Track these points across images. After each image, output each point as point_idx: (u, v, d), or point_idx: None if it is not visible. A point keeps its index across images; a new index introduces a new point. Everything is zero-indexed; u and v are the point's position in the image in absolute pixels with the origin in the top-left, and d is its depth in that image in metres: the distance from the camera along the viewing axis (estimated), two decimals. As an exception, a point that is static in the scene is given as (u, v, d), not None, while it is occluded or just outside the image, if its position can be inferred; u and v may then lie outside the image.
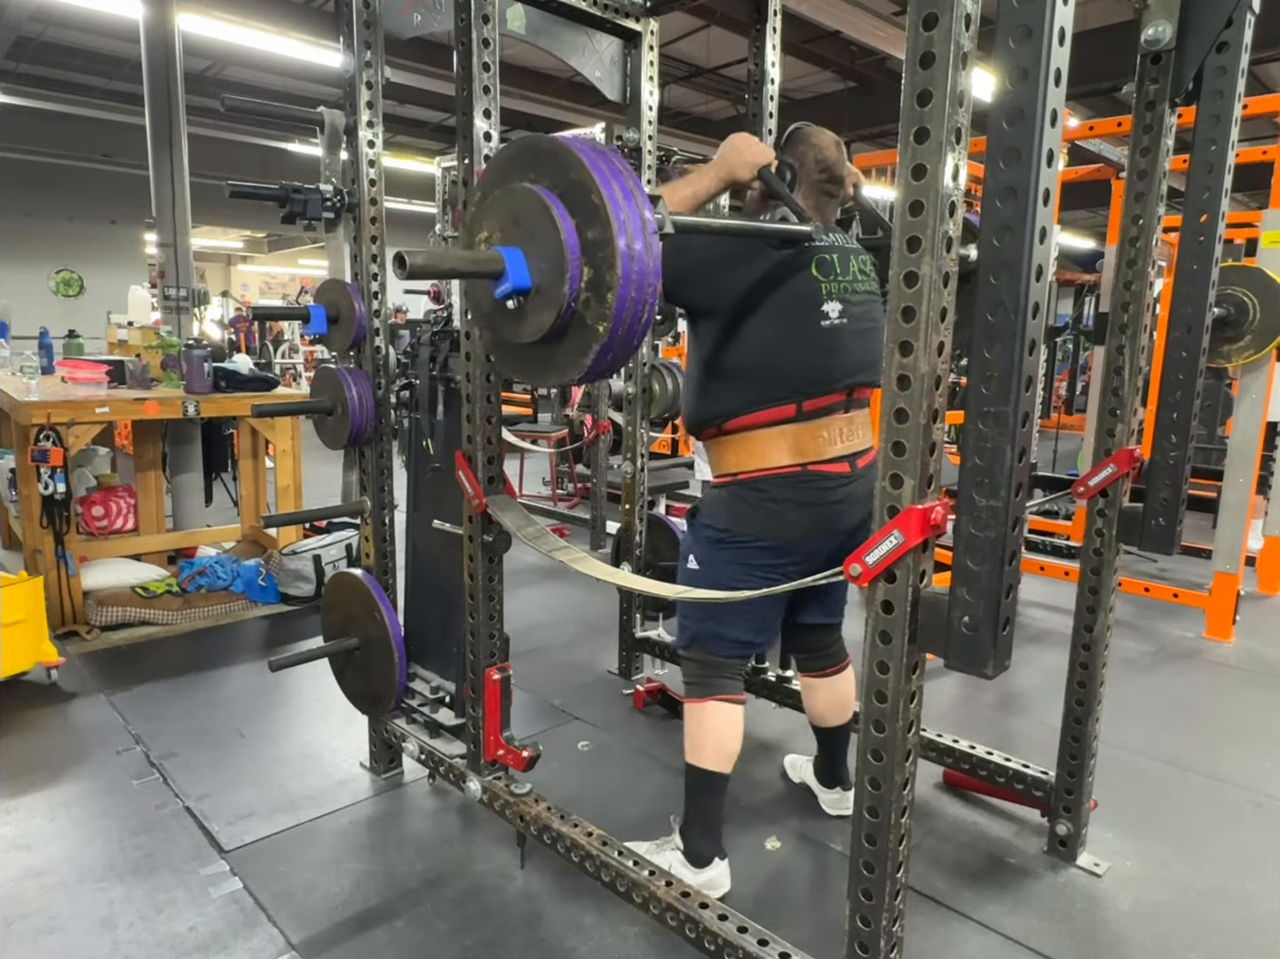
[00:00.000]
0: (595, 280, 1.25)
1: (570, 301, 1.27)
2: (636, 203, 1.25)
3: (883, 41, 7.12)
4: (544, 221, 1.27)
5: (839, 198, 1.92)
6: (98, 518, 4.29)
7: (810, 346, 1.78)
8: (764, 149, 1.79)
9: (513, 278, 1.29)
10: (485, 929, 1.83)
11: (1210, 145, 1.76)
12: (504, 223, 1.35)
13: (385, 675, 2.26)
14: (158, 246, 4.55)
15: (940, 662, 1.16)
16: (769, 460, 1.79)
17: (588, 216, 1.25)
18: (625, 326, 1.26)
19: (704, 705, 1.91)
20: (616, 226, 1.21)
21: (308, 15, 7.49)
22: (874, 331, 1.87)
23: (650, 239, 1.24)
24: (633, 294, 1.24)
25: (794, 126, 1.93)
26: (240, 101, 2.26)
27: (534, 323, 1.33)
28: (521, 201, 1.31)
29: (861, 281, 1.87)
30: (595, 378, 1.38)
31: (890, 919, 1.27)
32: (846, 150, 1.91)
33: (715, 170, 1.77)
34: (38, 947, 1.77)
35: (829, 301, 1.78)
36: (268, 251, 16.84)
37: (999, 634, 1.11)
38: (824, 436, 1.80)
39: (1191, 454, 1.91)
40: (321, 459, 3.82)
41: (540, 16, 2.48)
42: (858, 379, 1.84)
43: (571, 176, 1.26)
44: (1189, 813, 2.34)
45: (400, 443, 2.45)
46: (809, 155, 1.85)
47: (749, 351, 1.79)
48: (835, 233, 1.89)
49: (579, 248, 1.26)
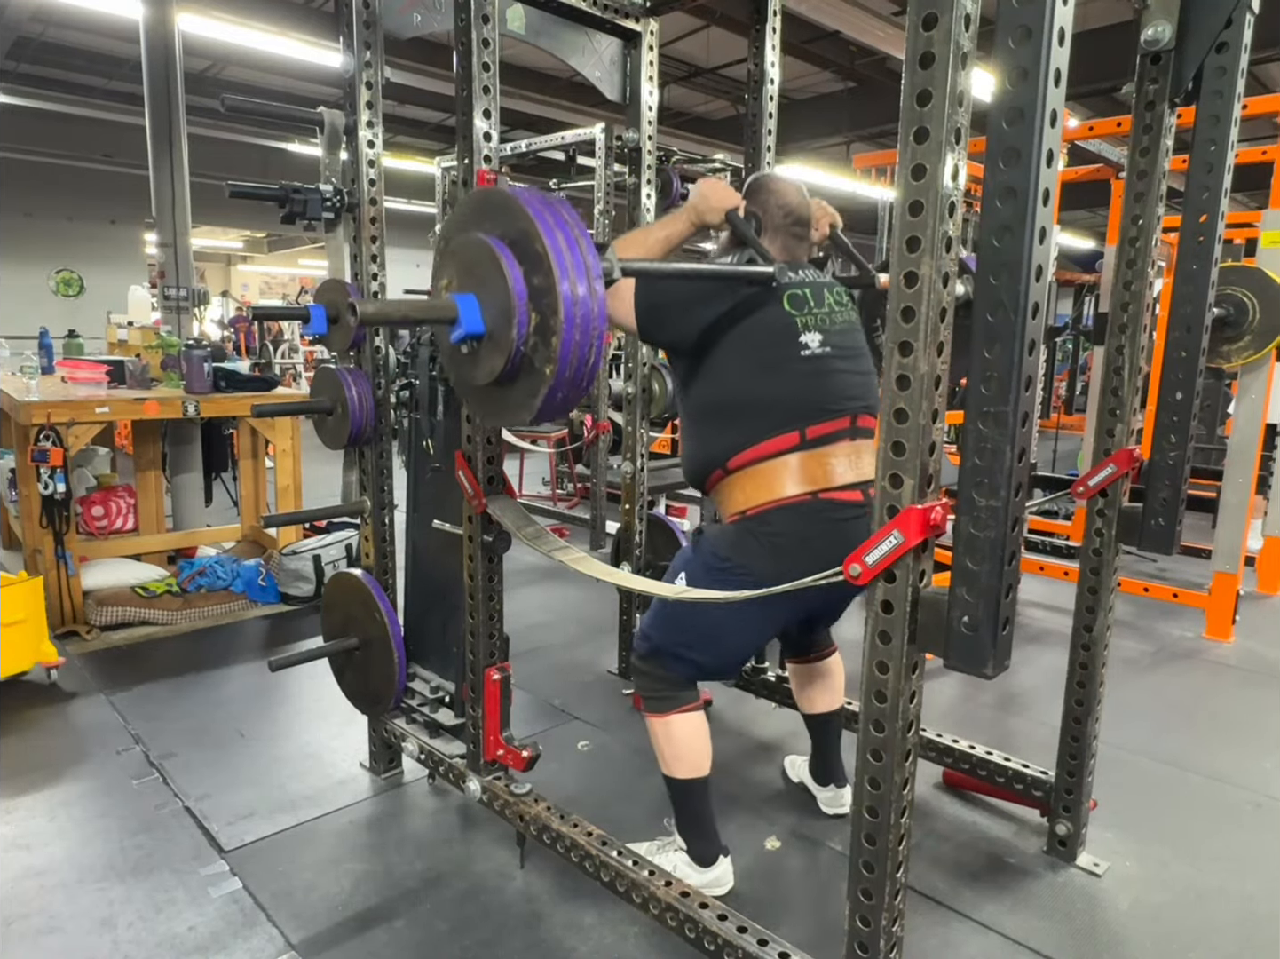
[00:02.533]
0: (541, 325, 1.31)
1: (519, 345, 1.33)
2: (581, 250, 1.30)
3: (883, 41, 7.12)
4: (493, 269, 1.33)
5: (808, 240, 1.96)
6: (98, 518, 4.30)
7: (795, 375, 1.78)
8: (731, 195, 1.85)
9: (465, 323, 1.35)
10: (485, 929, 1.83)
11: (1210, 145, 1.76)
12: (461, 270, 1.41)
13: (385, 675, 2.26)
14: (158, 246, 4.55)
15: (940, 662, 1.16)
16: (776, 491, 1.74)
17: (533, 264, 1.30)
18: (572, 369, 1.31)
19: (666, 720, 1.89)
20: (559, 273, 1.27)
21: (308, 15, 7.49)
22: (864, 358, 1.89)
23: (594, 285, 1.29)
24: (577, 338, 1.29)
25: (754, 176, 1.99)
26: (240, 101, 2.26)
27: (487, 366, 1.38)
28: (475, 251, 1.38)
29: (839, 312, 1.88)
30: (547, 418, 1.42)
31: (890, 919, 1.27)
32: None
33: (686, 215, 1.85)
34: (38, 947, 1.77)
35: (806, 333, 1.80)
36: (268, 251, 16.84)
37: (999, 634, 1.11)
38: (831, 464, 1.76)
39: (1191, 454, 1.91)
40: (321, 459, 3.82)
41: (540, 16, 2.48)
42: (858, 404, 1.82)
43: (519, 226, 1.32)
44: (1189, 813, 2.34)
45: (400, 443, 2.45)
46: (771, 202, 1.90)
47: (733, 388, 1.80)
48: (805, 269, 1.91)
49: (526, 294, 1.32)
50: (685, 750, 1.88)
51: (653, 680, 1.91)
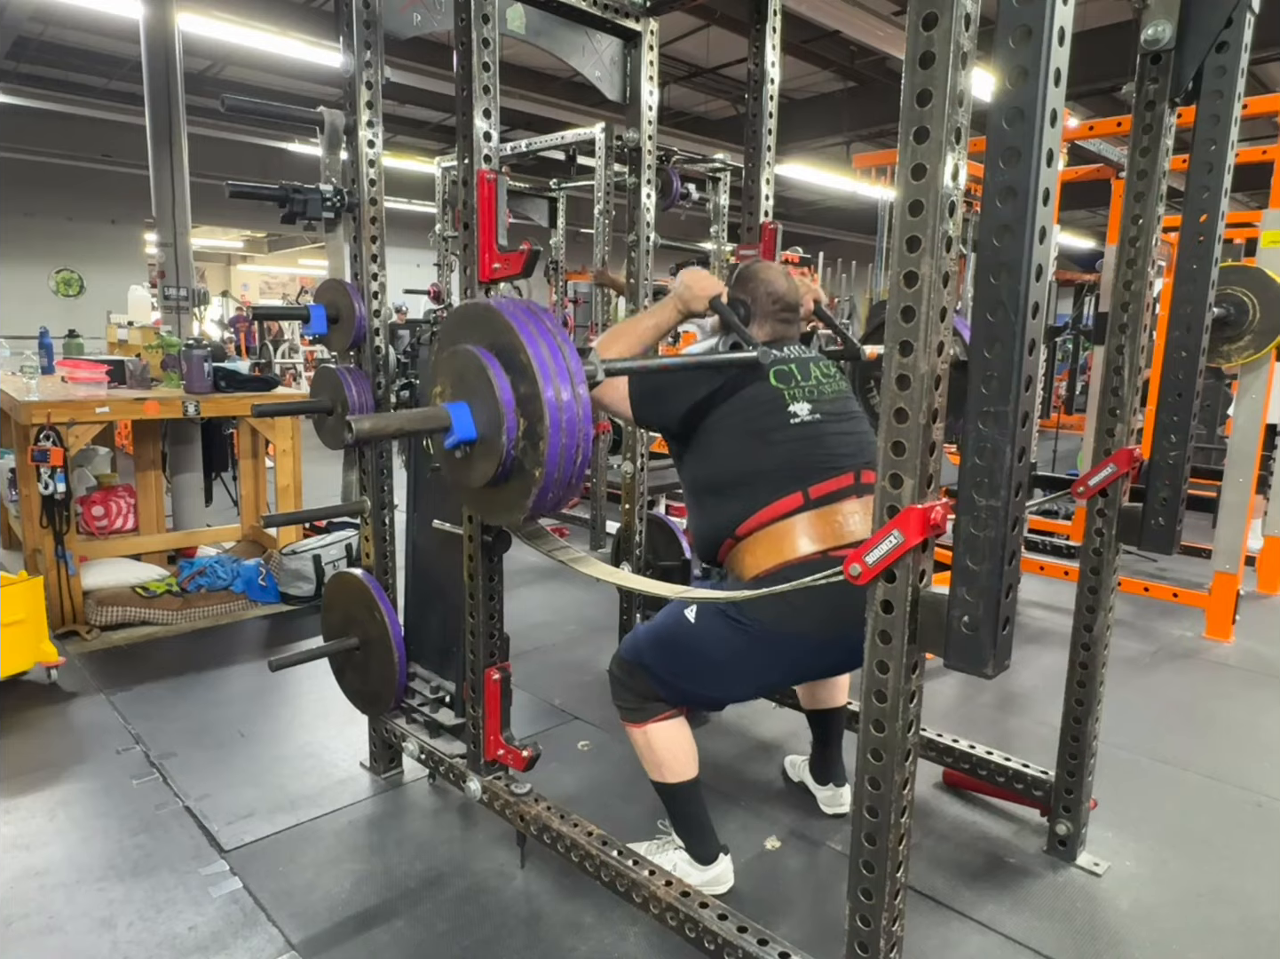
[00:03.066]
0: (530, 430, 1.37)
1: (510, 450, 1.39)
2: (564, 358, 1.37)
3: (882, 41, 7.12)
4: (482, 379, 1.40)
5: (796, 323, 2.00)
6: (98, 518, 4.29)
7: (787, 440, 1.80)
8: (714, 282, 1.90)
9: (458, 430, 1.42)
10: (485, 929, 1.83)
11: (1210, 145, 1.76)
12: (453, 379, 1.48)
13: (385, 675, 2.26)
14: (158, 246, 4.55)
15: (940, 661, 1.16)
16: (787, 553, 1.73)
17: (519, 373, 1.38)
18: (560, 471, 1.38)
19: (644, 730, 1.88)
20: (543, 381, 1.34)
21: (308, 15, 7.49)
22: (858, 419, 1.92)
23: (578, 390, 1.36)
24: (564, 441, 1.35)
25: (742, 266, 2.04)
26: (240, 101, 2.26)
27: (480, 469, 1.44)
28: (465, 361, 1.44)
29: (826, 383, 1.91)
30: (540, 515, 1.48)
31: (890, 919, 1.27)
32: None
33: (673, 304, 1.92)
34: (38, 947, 1.77)
35: (795, 404, 1.83)
36: (268, 251, 16.84)
37: (999, 634, 1.11)
38: (839, 521, 1.75)
39: (1191, 454, 1.91)
40: (321, 459, 3.83)
41: (540, 16, 2.48)
42: (859, 460, 1.82)
43: (504, 339, 1.39)
44: (1189, 813, 2.34)
45: (400, 443, 2.45)
46: (760, 290, 1.94)
47: (727, 462, 1.83)
48: (791, 346, 1.95)
49: (513, 402, 1.38)
50: (668, 757, 1.88)
51: (629, 693, 1.91)
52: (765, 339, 1.94)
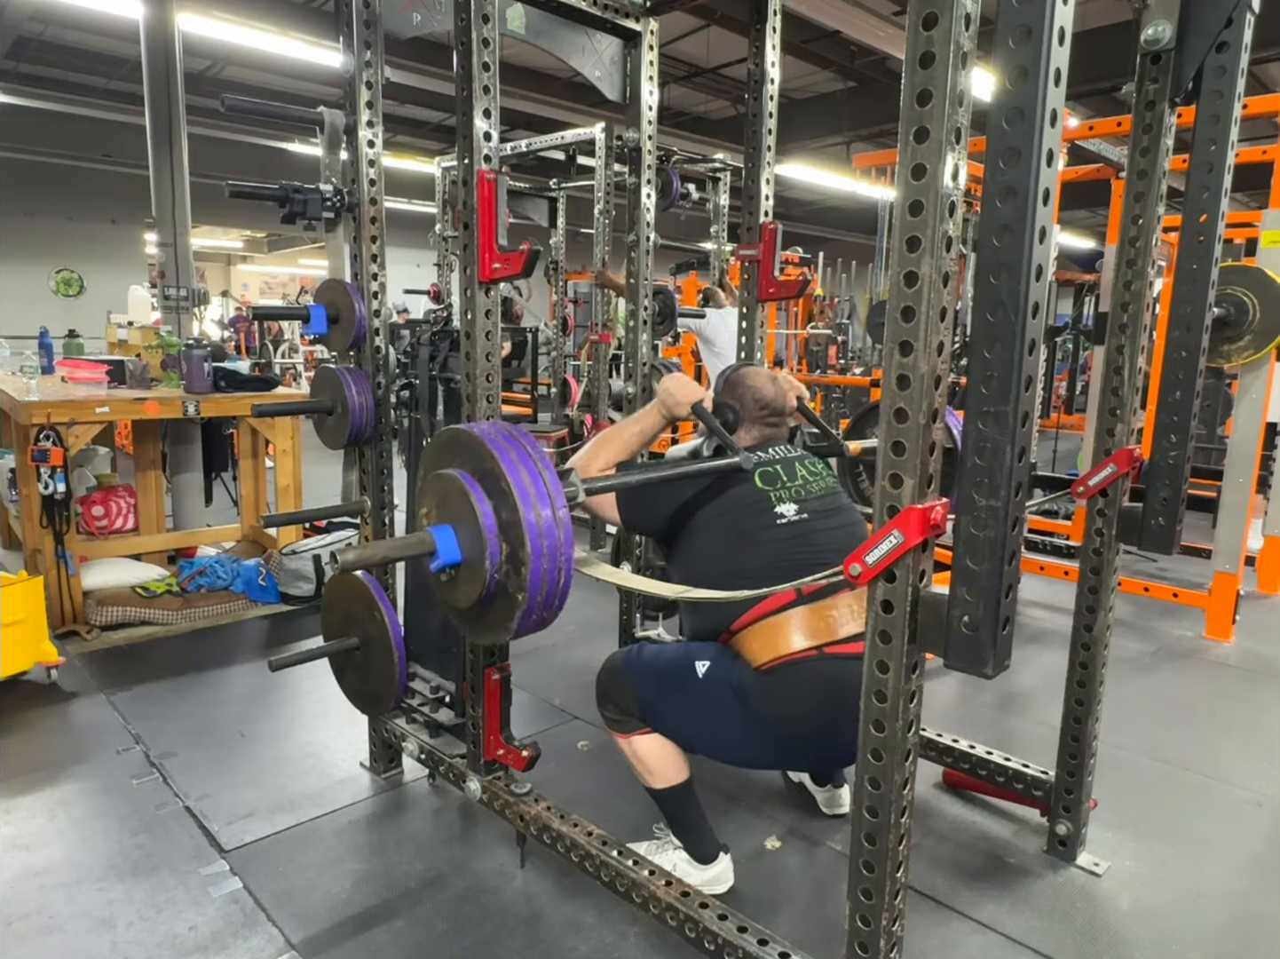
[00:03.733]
0: (512, 555, 1.37)
1: (494, 573, 1.39)
2: (545, 483, 1.38)
3: (883, 41, 7.12)
4: (465, 504, 1.41)
5: (784, 425, 2.03)
6: (98, 518, 4.29)
7: (774, 540, 1.82)
8: (694, 389, 1.93)
9: (443, 554, 1.43)
10: (485, 929, 1.83)
11: (1210, 145, 1.76)
12: (438, 503, 1.49)
13: (385, 675, 2.26)
14: (158, 246, 4.55)
15: (940, 661, 1.16)
16: (782, 648, 1.73)
17: (500, 499, 1.39)
18: (543, 594, 1.38)
19: (629, 740, 1.90)
20: (524, 508, 1.35)
21: (308, 15, 7.49)
22: (848, 512, 1.93)
23: (559, 513, 1.37)
24: (545, 565, 1.36)
25: (730, 370, 2.06)
26: (240, 101, 2.26)
27: (465, 591, 1.45)
28: (448, 486, 1.46)
29: (813, 482, 1.93)
30: (524, 634, 1.49)
31: (890, 919, 1.27)
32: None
33: (657, 410, 1.97)
34: (38, 947, 1.77)
35: (781, 504, 1.85)
36: (268, 251, 16.84)
37: (999, 634, 1.11)
38: (833, 616, 1.76)
39: (1191, 454, 1.91)
40: (321, 459, 3.83)
41: (540, 16, 2.48)
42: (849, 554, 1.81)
43: (485, 466, 1.41)
44: (1189, 813, 2.34)
45: (400, 443, 2.45)
46: (748, 396, 1.98)
47: (715, 562, 1.84)
48: (777, 447, 1.97)
49: (496, 527, 1.39)
50: (656, 763, 1.88)
51: (613, 705, 1.92)
52: (752, 443, 1.97)
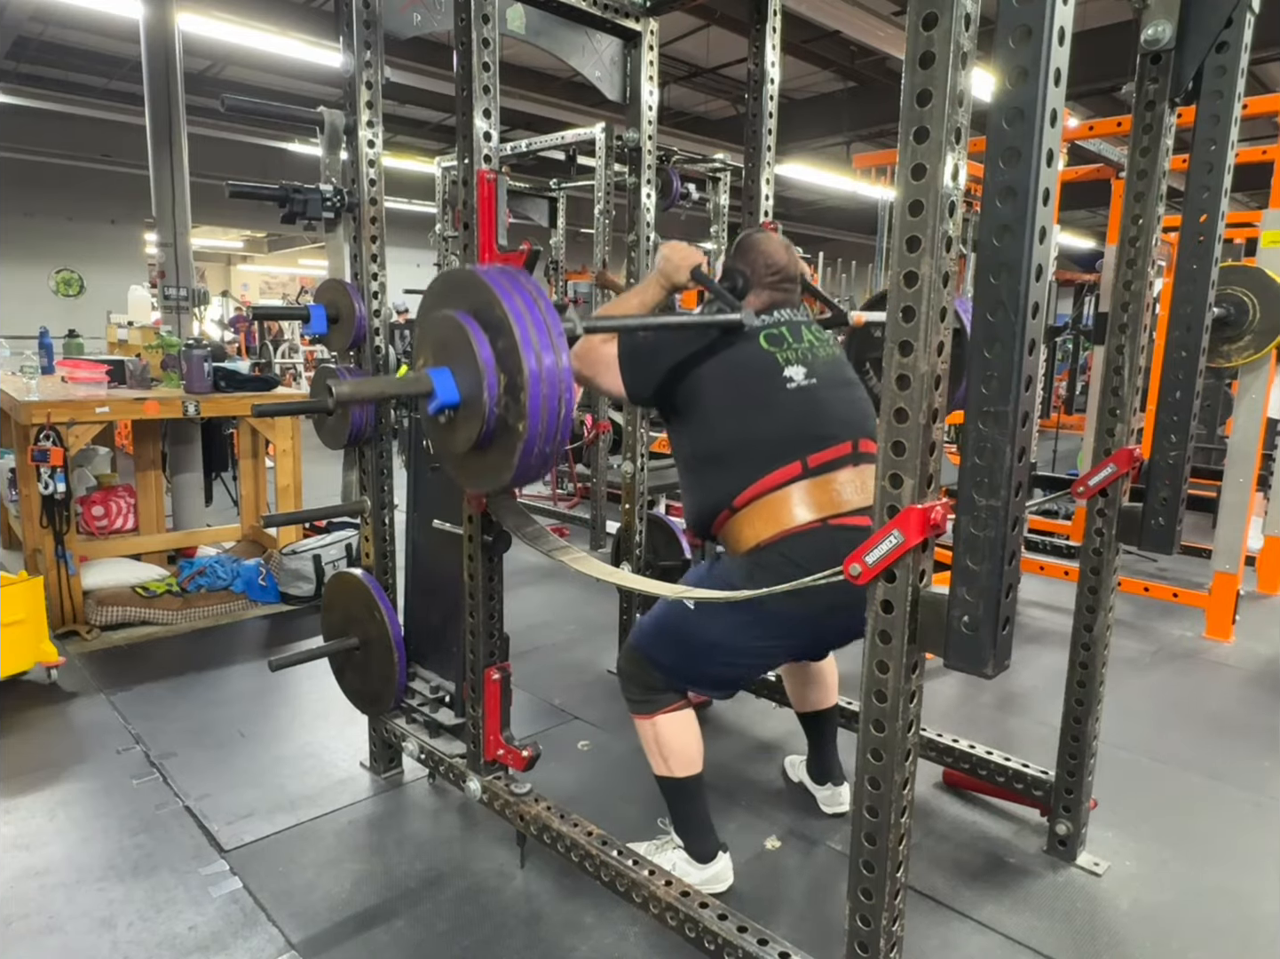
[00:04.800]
0: (511, 384, 1.39)
1: (492, 407, 1.41)
2: (540, 311, 1.39)
3: (883, 41, 7.12)
4: (461, 340, 1.42)
5: (796, 292, 1.99)
6: (98, 518, 4.29)
7: (784, 407, 1.79)
8: (693, 253, 1.90)
9: (440, 394, 1.43)
10: (485, 929, 1.83)
11: (1210, 145, 1.76)
12: (435, 347, 1.49)
13: (385, 675, 2.26)
14: (158, 246, 4.55)
15: (940, 661, 1.16)
16: (786, 522, 1.72)
17: (496, 329, 1.40)
18: (544, 423, 1.38)
19: (653, 721, 1.88)
20: (520, 334, 1.36)
21: (308, 15, 7.49)
22: (854, 387, 1.90)
23: (556, 340, 1.38)
24: (545, 391, 1.37)
25: (743, 235, 2.02)
26: (240, 101, 2.26)
27: (464, 433, 1.46)
28: (444, 327, 1.46)
29: (820, 346, 1.89)
30: (526, 480, 1.49)
31: (890, 919, 1.27)
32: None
33: (657, 279, 1.93)
34: (38, 947, 1.77)
35: (789, 367, 1.81)
36: (268, 251, 16.84)
37: (999, 634, 1.11)
38: (836, 489, 1.75)
39: (1191, 454, 1.91)
40: (321, 459, 3.83)
41: (540, 16, 2.48)
42: (855, 431, 1.81)
43: (481, 298, 1.41)
44: (1189, 813, 2.34)
45: (400, 443, 2.45)
46: (759, 261, 1.93)
47: (722, 432, 1.81)
48: (781, 310, 1.92)
49: (493, 359, 1.40)
50: (676, 747, 1.88)
51: (636, 685, 1.91)
52: (760, 306, 1.90)
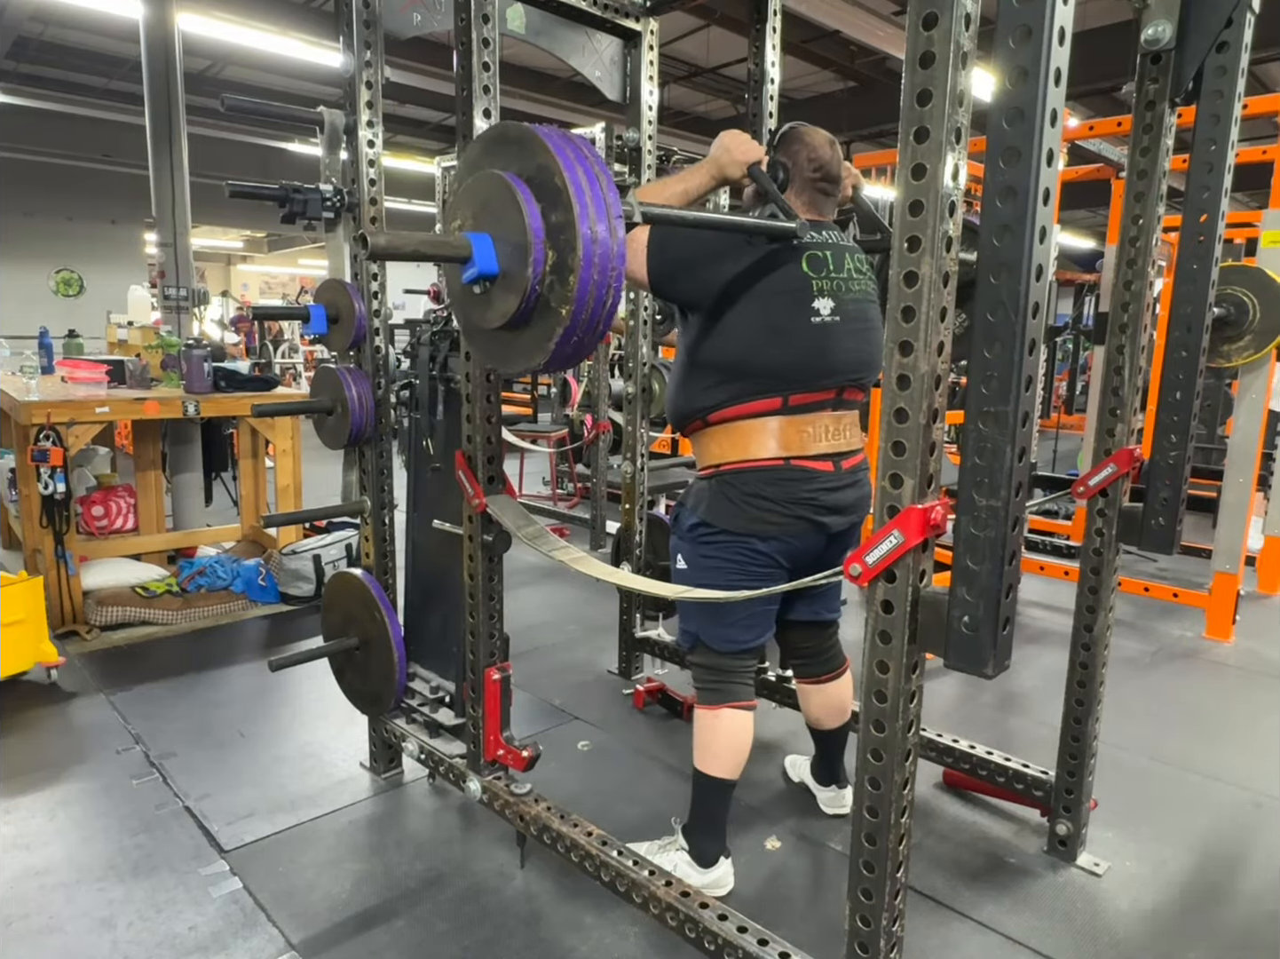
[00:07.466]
0: (559, 263, 1.25)
1: (534, 285, 1.27)
2: (601, 187, 1.24)
3: (883, 41, 7.13)
4: (510, 206, 1.27)
5: (835, 196, 1.90)
6: (98, 518, 4.29)
7: (799, 342, 1.75)
8: (754, 146, 1.80)
9: (479, 262, 1.29)
10: (485, 929, 1.83)
11: (1210, 145, 1.76)
12: (475, 209, 1.35)
13: (385, 675, 2.26)
14: (158, 246, 4.55)
15: (940, 661, 1.16)
16: (751, 452, 1.78)
17: (552, 200, 1.25)
18: (589, 310, 1.25)
19: (718, 713, 1.88)
20: (579, 210, 1.21)
21: (308, 15, 7.49)
22: (869, 332, 1.85)
23: (615, 223, 1.24)
24: (595, 277, 1.23)
25: (788, 125, 1.91)
26: (240, 101, 2.26)
27: (500, 308, 1.32)
28: (490, 187, 1.31)
29: (856, 280, 1.84)
30: (560, 365, 1.37)
31: (890, 919, 1.27)
32: (845, 150, 1.92)
33: (707, 168, 1.80)
34: (38, 947, 1.77)
35: (820, 298, 1.76)
36: (268, 251, 16.85)
37: (999, 634, 1.11)
38: (809, 432, 1.79)
39: (1191, 454, 1.91)
40: (321, 459, 3.82)
41: (540, 16, 2.48)
42: (848, 378, 1.82)
43: (538, 162, 1.27)
44: (1189, 813, 2.34)
45: (400, 443, 2.45)
46: (802, 154, 1.84)
47: (735, 344, 1.77)
48: (830, 230, 1.86)
49: (543, 232, 1.26)
50: (726, 748, 1.88)
51: (706, 671, 1.91)
52: (803, 208, 1.83)
